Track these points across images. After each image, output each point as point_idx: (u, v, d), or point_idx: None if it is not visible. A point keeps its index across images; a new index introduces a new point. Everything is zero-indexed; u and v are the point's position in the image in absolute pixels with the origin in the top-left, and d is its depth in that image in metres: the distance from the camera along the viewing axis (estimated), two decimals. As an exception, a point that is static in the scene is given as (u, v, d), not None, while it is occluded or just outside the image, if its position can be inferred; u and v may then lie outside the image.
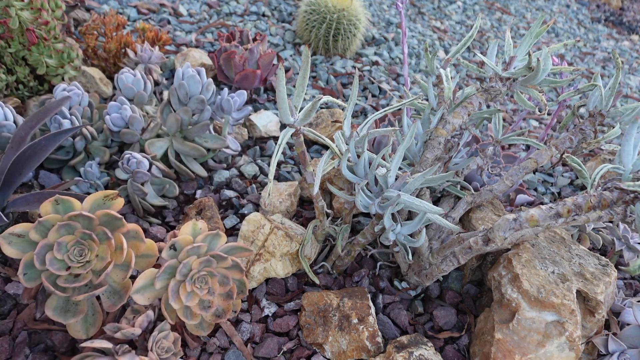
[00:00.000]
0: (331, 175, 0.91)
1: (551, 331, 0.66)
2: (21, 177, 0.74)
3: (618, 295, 0.82)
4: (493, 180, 0.92)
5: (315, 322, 0.73)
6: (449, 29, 2.14)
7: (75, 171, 0.92)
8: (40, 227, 0.56)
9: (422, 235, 0.66)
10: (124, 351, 0.56)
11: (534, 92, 0.74)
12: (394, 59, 1.67)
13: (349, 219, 0.79)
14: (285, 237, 0.77)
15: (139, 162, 0.83)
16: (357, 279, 0.82)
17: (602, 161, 1.16)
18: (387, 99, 1.41)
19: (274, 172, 0.60)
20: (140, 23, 1.28)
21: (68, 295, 0.57)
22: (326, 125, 1.14)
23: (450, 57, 0.81)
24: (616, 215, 0.61)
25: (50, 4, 1.06)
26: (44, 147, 0.77)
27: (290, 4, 1.89)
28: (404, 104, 0.76)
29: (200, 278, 0.62)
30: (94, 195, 0.59)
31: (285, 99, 0.58)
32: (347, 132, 0.71)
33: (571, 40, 0.76)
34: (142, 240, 0.61)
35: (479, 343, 0.72)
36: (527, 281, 0.68)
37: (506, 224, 0.62)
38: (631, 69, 2.28)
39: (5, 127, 0.84)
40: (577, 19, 2.86)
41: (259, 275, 0.76)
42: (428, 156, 0.76)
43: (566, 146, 0.75)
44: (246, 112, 1.07)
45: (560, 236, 0.81)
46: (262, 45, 1.29)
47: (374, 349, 0.70)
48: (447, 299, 0.81)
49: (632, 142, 0.59)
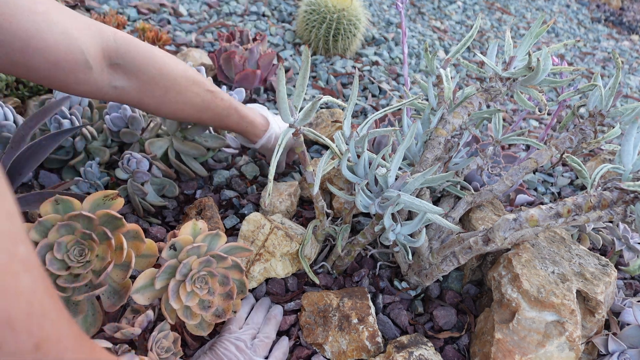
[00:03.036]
0: (331, 175, 0.91)
1: (551, 331, 0.66)
2: (21, 177, 0.74)
3: (618, 295, 0.82)
4: (493, 180, 0.92)
5: (315, 322, 0.73)
6: (449, 29, 2.14)
7: (75, 171, 0.92)
8: (40, 227, 0.56)
9: (422, 235, 0.66)
10: (124, 351, 0.56)
11: (534, 92, 0.74)
12: (394, 59, 1.67)
13: (349, 219, 0.79)
14: (285, 237, 0.77)
15: (139, 162, 0.83)
16: (357, 279, 0.82)
17: (602, 161, 1.16)
18: (387, 99, 1.41)
19: (274, 172, 0.60)
20: (140, 23, 1.28)
21: (68, 295, 0.57)
22: (326, 125, 1.14)
23: (450, 57, 0.81)
24: (616, 215, 0.61)
25: (50, 4, 1.06)
26: (44, 147, 0.77)
27: (290, 4, 1.89)
28: (404, 104, 0.76)
29: (200, 278, 0.62)
30: (94, 195, 0.59)
31: (285, 99, 0.58)
32: (347, 132, 0.71)
33: (571, 40, 0.76)
34: (142, 240, 0.61)
35: (479, 343, 0.72)
36: (527, 281, 0.68)
37: (506, 224, 0.62)
38: (631, 69, 2.28)
39: (5, 127, 0.84)
40: (577, 19, 2.86)
41: (259, 275, 0.76)
42: (428, 156, 0.76)
43: (566, 146, 0.75)
44: (246, 112, 1.07)
45: (560, 236, 0.81)
46: (262, 45, 1.29)
47: (374, 349, 0.70)
48: (447, 299, 0.81)
49: (632, 142, 0.59)
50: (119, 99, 0.70)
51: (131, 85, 0.69)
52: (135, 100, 0.72)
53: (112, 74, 0.66)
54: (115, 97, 0.69)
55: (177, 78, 0.73)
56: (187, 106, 0.77)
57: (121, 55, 0.65)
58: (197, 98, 0.77)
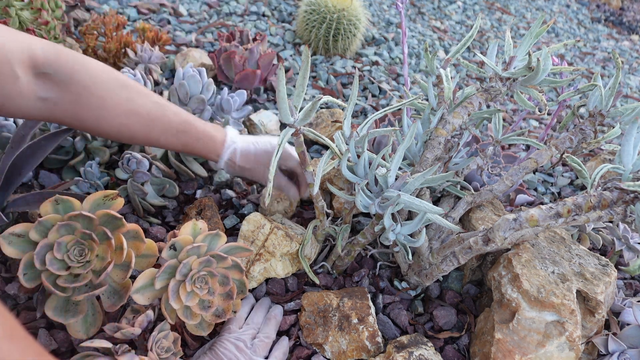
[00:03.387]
0: (331, 175, 0.91)
1: (551, 331, 0.66)
2: (21, 177, 0.74)
3: (618, 295, 0.82)
4: (493, 180, 0.92)
5: (315, 322, 0.73)
6: (449, 29, 2.14)
7: (75, 171, 0.92)
8: (40, 227, 0.56)
9: (422, 235, 0.66)
10: (124, 351, 0.56)
11: (534, 92, 0.74)
12: (394, 59, 1.67)
13: (349, 219, 0.79)
14: (285, 237, 0.77)
15: (139, 162, 0.83)
16: (357, 279, 0.82)
17: (602, 161, 1.16)
18: (387, 99, 1.41)
19: (274, 172, 0.60)
20: (140, 23, 1.28)
21: (68, 295, 0.57)
22: (326, 125, 1.14)
23: (450, 57, 0.81)
24: (616, 215, 0.61)
25: (50, 4, 1.06)
26: (44, 147, 0.77)
27: (290, 4, 1.89)
28: (404, 104, 0.76)
29: (200, 278, 0.62)
30: (94, 195, 0.59)
31: (286, 99, 0.57)
32: (347, 132, 0.71)
33: (571, 40, 0.76)
34: (142, 240, 0.61)
35: (479, 343, 0.72)
36: (527, 281, 0.68)
37: (506, 224, 0.62)
38: (631, 69, 2.28)
39: (5, 127, 0.84)
40: (577, 19, 2.86)
41: (259, 275, 0.76)
42: (428, 156, 0.76)
43: (566, 146, 0.75)
44: (246, 112, 1.07)
45: (560, 236, 0.81)
46: (262, 45, 1.29)
47: (374, 349, 0.70)
48: (447, 299, 0.81)
49: (632, 142, 0.59)
50: (53, 115, 0.64)
51: (63, 96, 0.62)
52: (71, 115, 0.64)
53: (39, 84, 0.60)
54: (47, 112, 0.63)
55: (114, 87, 0.66)
56: (131, 120, 0.68)
57: (49, 64, 0.60)
58: (141, 109, 0.69)
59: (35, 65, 0.59)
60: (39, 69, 0.60)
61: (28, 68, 0.59)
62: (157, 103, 0.71)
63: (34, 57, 0.59)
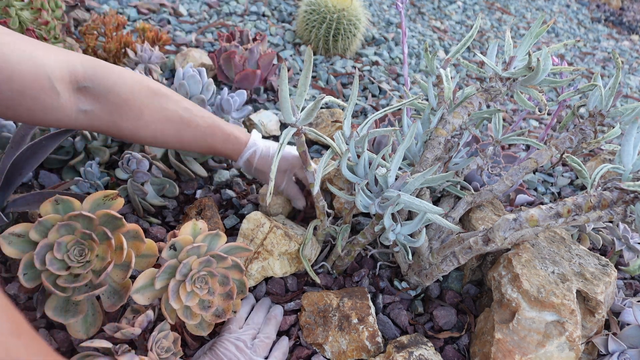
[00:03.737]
0: (331, 175, 0.91)
1: (551, 331, 0.66)
2: (21, 177, 0.74)
3: (618, 295, 0.82)
4: (493, 180, 0.92)
5: (315, 322, 0.73)
6: (449, 29, 2.14)
7: (75, 171, 0.92)
8: (40, 227, 0.56)
9: (422, 235, 0.66)
10: (124, 351, 0.56)
11: (534, 92, 0.74)
12: (394, 59, 1.67)
13: (349, 219, 0.79)
14: (284, 236, 0.77)
15: (139, 162, 0.83)
16: (357, 279, 0.82)
17: (602, 161, 1.16)
18: (387, 99, 1.41)
19: (275, 171, 0.60)
20: (140, 23, 1.27)
21: (68, 295, 0.57)
22: (326, 125, 1.14)
23: (450, 57, 0.81)
24: (616, 215, 0.61)
25: (50, 4, 1.06)
26: (44, 147, 0.77)
27: (290, 4, 1.89)
28: (404, 104, 0.76)
29: (200, 278, 0.62)
30: (94, 195, 0.59)
31: (288, 99, 0.58)
32: (347, 132, 0.71)
33: (571, 40, 0.76)
34: (142, 240, 0.61)
35: (479, 343, 0.72)
36: (527, 281, 0.68)
37: (506, 224, 0.62)
38: (631, 69, 2.28)
39: (5, 127, 0.84)
40: (577, 19, 2.86)
41: (257, 273, 0.76)
42: (428, 156, 0.76)
43: (566, 146, 0.75)
44: (246, 112, 1.07)
45: (560, 236, 0.81)
46: (262, 45, 1.29)
47: (374, 348, 0.70)
48: (447, 299, 0.81)
49: (632, 142, 0.59)
50: (91, 125, 0.67)
51: (102, 108, 0.66)
52: (109, 125, 0.68)
53: (80, 98, 0.63)
54: (87, 122, 0.66)
55: (148, 96, 0.70)
56: (166, 126, 0.72)
57: (89, 78, 0.63)
58: (174, 115, 0.73)
59: (75, 81, 0.62)
60: (80, 84, 0.63)
61: (69, 83, 0.62)
62: (187, 109, 0.75)
63: (75, 73, 0.62)
